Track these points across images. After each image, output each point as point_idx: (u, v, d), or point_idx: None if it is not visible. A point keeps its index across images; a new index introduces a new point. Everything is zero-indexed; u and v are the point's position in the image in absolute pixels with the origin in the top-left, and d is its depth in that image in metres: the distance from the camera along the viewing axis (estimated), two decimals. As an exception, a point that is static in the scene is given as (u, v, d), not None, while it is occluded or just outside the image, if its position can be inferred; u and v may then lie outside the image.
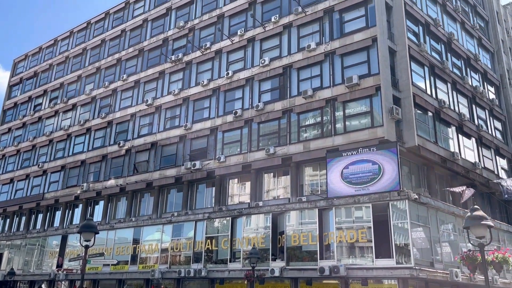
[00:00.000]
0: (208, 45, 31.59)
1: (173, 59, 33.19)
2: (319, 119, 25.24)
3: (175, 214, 28.81)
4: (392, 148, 21.53)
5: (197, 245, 26.19)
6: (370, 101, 23.65)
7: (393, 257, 19.61)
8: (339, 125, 24.37)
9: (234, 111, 28.22)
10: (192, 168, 28.63)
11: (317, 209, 22.46)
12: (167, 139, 31.61)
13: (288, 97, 26.65)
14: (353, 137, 23.43)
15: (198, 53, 32.16)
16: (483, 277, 9.05)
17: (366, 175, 21.78)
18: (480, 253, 9.05)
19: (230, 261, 24.60)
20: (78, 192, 35.19)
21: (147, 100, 33.54)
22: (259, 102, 27.52)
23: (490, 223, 8.95)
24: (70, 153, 38.10)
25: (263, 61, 27.95)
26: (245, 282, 22.02)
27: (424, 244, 20.65)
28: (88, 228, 13.41)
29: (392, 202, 20.47)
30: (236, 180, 28.40)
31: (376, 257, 20.10)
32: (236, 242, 24.88)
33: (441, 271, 20.35)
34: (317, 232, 21.99)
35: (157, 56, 35.04)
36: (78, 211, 36.18)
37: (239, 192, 28.25)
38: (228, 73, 29.54)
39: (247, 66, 29.27)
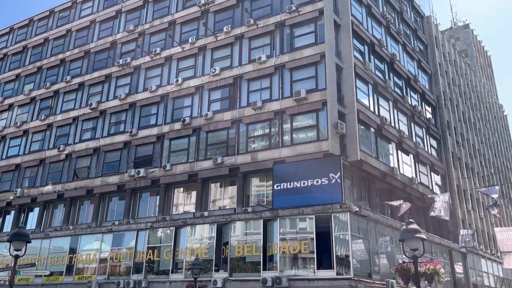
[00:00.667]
0: (158, 51, 31.09)
1: (120, 63, 32.30)
2: (267, 130, 25.52)
3: (116, 223, 27.79)
4: (336, 162, 22.18)
5: (138, 255, 25.35)
6: (316, 115, 24.28)
7: (333, 268, 20.06)
8: (286, 137, 24.77)
9: (182, 119, 27.86)
10: (136, 175, 27.83)
11: (262, 220, 22.55)
12: (111, 145, 30.55)
13: (237, 107, 26.74)
14: (300, 150, 23.89)
15: (147, 59, 31.53)
16: (416, 288, 9.55)
17: (310, 187, 22.22)
18: (413, 264, 9.52)
19: (172, 272, 24.02)
20: (11, 197, 33.01)
21: (91, 104, 32.31)
22: (208, 111, 27.38)
23: (423, 236, 9.42)
24: (4, 156, 35.73)
25: (213, 70, 27.91)
26: (188, 293, 21.56)
27: (363, 256, 21.32)
28: (19, 237, 12.53)
29: (335, 214, 21.00)
30: (181, 189, 27.94)
31: (317, 268, 20.46)
32: (179, 253, 24.36)
33: (378, 282, 21.08)
34: (261, 243, 22.05)
35: (104, 59, 33.93)
36: (9, 218, 33.88)
37: (184, 202, 27.80)
38: (177, 80, 29.18)
39: (197, 74, 29.09)
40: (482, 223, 38.56)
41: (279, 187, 22.85)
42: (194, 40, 29.79)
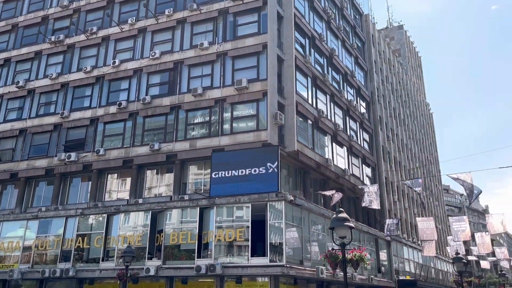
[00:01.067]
0: (94, 30, 29.57)
1: (53, 40, 30.35)
2: (207, 118, 25.31)
3: (43, 209, 26.32)
4: (273, 152, 22.56)
5: (66, 243, 24.24)
6: (257, 105, 24.46)
7: (267, 256, 20.51)
8: (226, 126, 24.75)
9: (118, 103, 26.84)
10: (66, 159, 26.48)
11: (198, 208, 22.46)
12: (39, 127, 28.76)
13: (177, 93, 26.24)
14: (239, 139, 23.99)
15: (82, 37, 29.91)
16: (345, 276, 10.06)
17: (248, 176, 22.45)
18: (341, 251, 9.99)
19: (103, 260, 23.27)
20: None
21: (18, 82, 30.13)
22: (146, 95, 26.60)
23: (351, 224, 9.90)
24: None
25: (153, 54, 27.10)
26: (118, 282, 21.01)
27: (296, 244, 21.99)
28: None
29: (270, 203, 21.42)
30: (115, 175, 27.03)
31: (251, 256, 20.81)
32: (111, 241, 23.63)
33: (309, 269, 21.89)
34: (197, 231, 21.99)
35: (34, 35, 31.70)
36: None
37: (118, 188, 26.91)
38: (114, 62, 28.00)
39: (136, 57, 28.10)
40: (406, 213, 41.27)
41: (217, 175, 22.84)
42: (134, 21, 28.68)
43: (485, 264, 46.86)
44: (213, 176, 22.89)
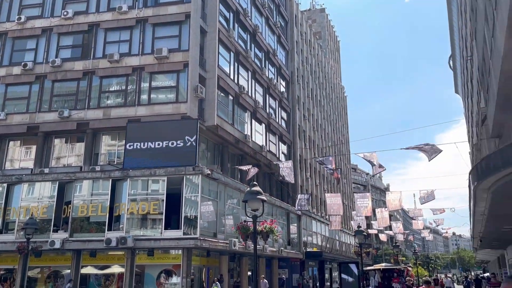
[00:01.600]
0: (-4, -21, 26.47)
1: None
2: (123, 86, 24.20)
3: None
4: (193, 125, 22.31)
5: (-42, 215, 22.05)
6: (177, 76, 23.89)
7: (181, 229, 20.52)
8: (144, 96, 23.89)
9: (23, 63, 24.54)
10: (-41, 123, 23.79)
11: (111, 180, 21.64)
12: None
13: (91, 57, 24.65)
14: (157, 110, 23.34)
15: (-19, -14, 26.61)
16: (255, 247, 10.43)
17: (165, 148, 22.03)
18: (252, 223, 10.33)
19: (1, 233, 21.61)
20: None
21: None
22: (56, 57, 24.63)
23: (264, 198, 10.25)
24: None
25: (65, 13, 25.03)
26: (18, 255, 19.70)
27: (211, 217, 22.23)
28: None
29: (187, 176, 21.31)
30: (18, 142, 24.95)
31: (165, 229, 20.69)
32: (11, 212, 21.96)
33: (222, 241, 22.35)
34: (108, 203, 21.24)
35: None
36: None
37: (21, 157, 24.92)
38: (20, 18, 25.41)
39: (46, 14, 25.76)
40: (316, 189, 43.61)
41: (132, 147, 22.09)
42: (44, -26, 26.13)
43: (383, 237, 51.46)
44: (127, 147, 22.11)
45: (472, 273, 49.27)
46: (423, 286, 10.25)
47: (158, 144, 22.13)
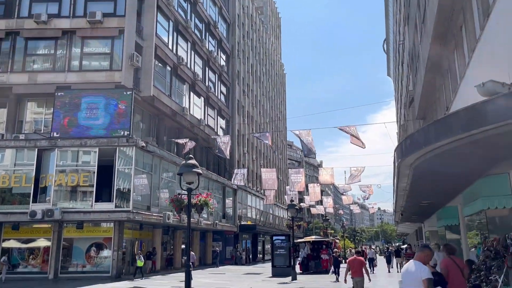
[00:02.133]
0: None
1: None
2: (52, 50, 22.60)
3: None
4: (127, 95, 21.48)
5: None
6: (112, 43, 22.70)
7: (113, 202, 19.95)
8: (75, 62, 22.51)
9: None
10: None
11: (37, 149, 20.38)
12: None
13: (15, 16, 22.64)
14: (89, 77, 22.14)
15: None
16: (189, 220, 10.40)
17: (97, 118, 21.08)
18: (187, 196, 10.28)
19: None
20: None
21: None
22: (-27, 13, 22.32)
23: (199, 171, 10.18)
24: None
25: (-15, -36, 22.64)
26: None
27: (145, 190, 21.80)
28: None
29: (120, 148, 20.62)
30: None
31: (96, 201, 20.02)
32: None
33: (156, 215, 22.07)
34: (34, 174, 20.05)
35: None
36: None
37: None
38: None
39: (-39, -36, 23.11)
40: (253, 164, 44.21)
41: (60, 115, 20.87)
42: None
43: (314, 211, 53.64)
44: (56, 115, 20.86)
45: (393, 245, 53.19)
46: (355, 256, 11.03)
47: (90, 114, 21.11)
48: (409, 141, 6.70)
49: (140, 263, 19.41)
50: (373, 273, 20.44)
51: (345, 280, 11.09)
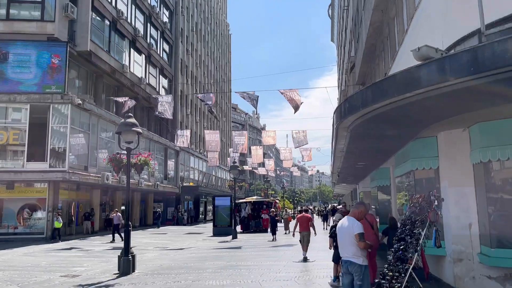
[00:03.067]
0: None
1: None
2: (-27, -5, 20.42)
3: None
4: (61, 48, 20.10)
5: None
6: (43, -10, 20.88)
7: (47, 161, 19.02)
8: (2, 11, 20.54)
9: None
10: None
11: (-42, 104, 18.73)
12: None
13: None
14: (18, 27, 20.34)
15: None
16: (128, 179, 10.16)
17: (27, 72, 19.64)
18: (126, 156, 9.99)
19: None
20: None
21: None
22: None
23: (138, 130, 9.88)
24: None
25: None
26: None
27: (82, 150, 20.95)
28: None
29: (54, 105, 19.48)
30: None
31: (28, 161, 18.98)
32: None
33: (93, 175, 21.38)
34: (-44, 131, 18.50)
35: None
36: None
37: None
38: None
39: None
40: (196, 126, 43.78)
41: (-15, 68, 19.18)
42: None
43: (256, 172, 54.65)
44: (-20, 67, 19.13)
45: (330, 205, 55.96)
46: (303, 213, 12.12)
47: (19, 67, 19.61)
48: (348, 104, 6.91)
49: (57, 224, 18.28)
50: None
51: (293, 234, 12.40)
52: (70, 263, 11.57)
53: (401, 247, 5.31)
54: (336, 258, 7.65)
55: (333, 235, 7.93)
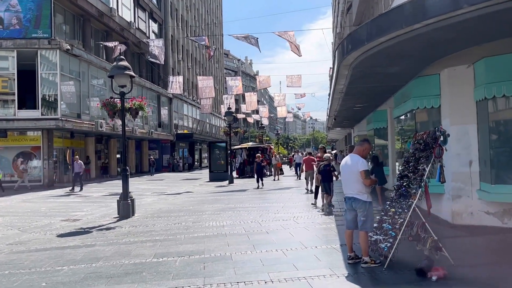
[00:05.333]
0: None
1: None
2: None
3: None
4: (44, -10, 19.08)
5: None
6: None
7: (38, 109, 18.66)
8: None
9: None
10: None
11: None
12: None
13: None
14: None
15: None
16: (123, 124, 9.96)
17: (10, 16, 18.76)
18: (120, 100, 9.71)
19: None
20: None
21: None
22: None
23: (132, 73, 9.54)
24: None
25: None
26: None
27: (74, 98, 20.53)
28: None
29: (42, 51, 18.81)
30: None
31: (19, 109, 18.62)
32: None
33: (87, 122, 21.12)
34: None
35: None
36: None
37: None
38: None
39: None
40: (189, 72, 42.94)
41: (-35, 11, 18.27)
42: None
43: (250, 120, 54.47)
44: (-40, 11, 18.22)
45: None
46: (308, 156, 14.01)
47: (2, 11, 18.70)
48: (351, 39, 6.62)
49: None
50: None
51: (299, 175, 14.89)
52: (70, 208, 11.65)
53: (403, 184, 5.28)
54: (326, 190, 9.67)
55: (321, 172, 9.85)
